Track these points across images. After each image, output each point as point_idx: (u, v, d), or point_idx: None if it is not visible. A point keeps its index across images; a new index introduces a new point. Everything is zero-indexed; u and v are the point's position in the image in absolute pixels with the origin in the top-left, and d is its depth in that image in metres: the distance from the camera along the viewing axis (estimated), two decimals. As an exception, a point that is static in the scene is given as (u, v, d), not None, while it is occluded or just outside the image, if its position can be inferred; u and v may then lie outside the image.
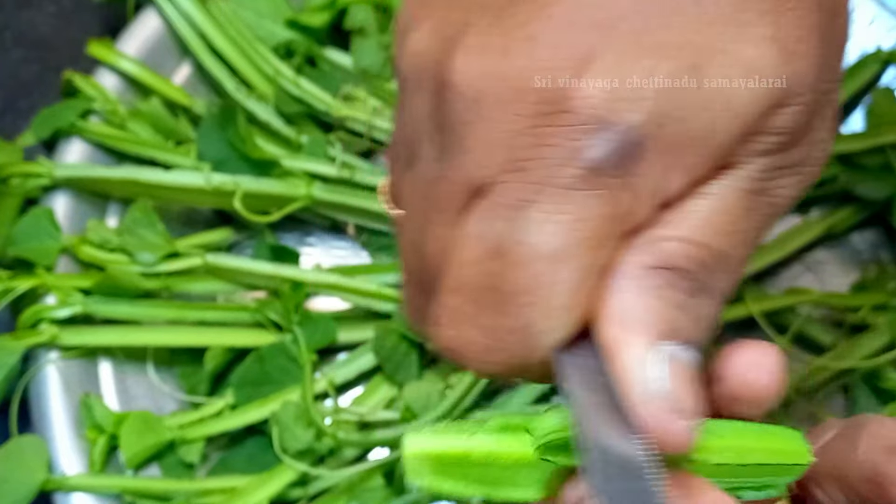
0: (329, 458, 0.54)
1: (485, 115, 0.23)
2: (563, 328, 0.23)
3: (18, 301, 0.54)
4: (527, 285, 0.23)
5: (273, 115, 0.60)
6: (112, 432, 0.53)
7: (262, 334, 0.57)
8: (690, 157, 0.23)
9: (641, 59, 0.22)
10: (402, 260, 0.27)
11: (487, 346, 0.24)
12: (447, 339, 0.24)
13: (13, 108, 0.62)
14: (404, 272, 0.27)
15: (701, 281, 0.23)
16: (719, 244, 0.23)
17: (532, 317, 0.23)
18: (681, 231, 0.23)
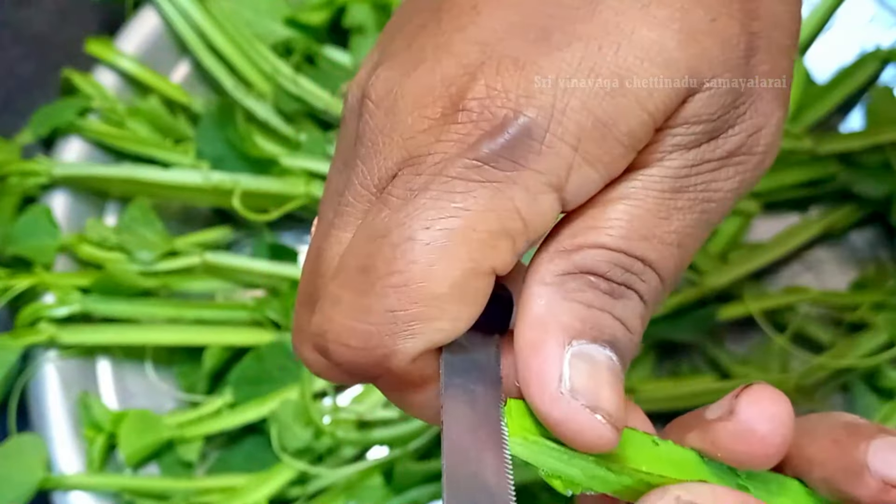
0: (328, 457, 0.54)
1: (394, 120, 0.23)
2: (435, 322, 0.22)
3: (17, 300, 0.54)
4: (399, 266, 0.22)
5: (272, 114, 0.60)
6: (111, 431, 0.53)
7: (261, 333, 0.57)
8: (595, 150, 0.22)
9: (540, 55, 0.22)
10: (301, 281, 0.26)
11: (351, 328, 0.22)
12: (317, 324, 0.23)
13: (11, 106, 0.61)
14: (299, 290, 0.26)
15: (622, 284, 0.23)
16: (638, 249, 0.23)
17: (401, 301, 0.22)
18: (597, 236, 0.23)
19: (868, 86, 0.61)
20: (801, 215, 0.61)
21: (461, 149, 0.22)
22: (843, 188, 0.59)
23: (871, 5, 0.63)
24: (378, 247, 0.22)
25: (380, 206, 0.23)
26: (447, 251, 0.22)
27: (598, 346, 0.22)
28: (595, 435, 0.22)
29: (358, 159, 0.24)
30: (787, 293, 0.57)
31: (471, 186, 0.22)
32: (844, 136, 0.59)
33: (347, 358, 0.23)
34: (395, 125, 0.23)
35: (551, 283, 0.23)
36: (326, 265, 0.24)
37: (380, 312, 0.22)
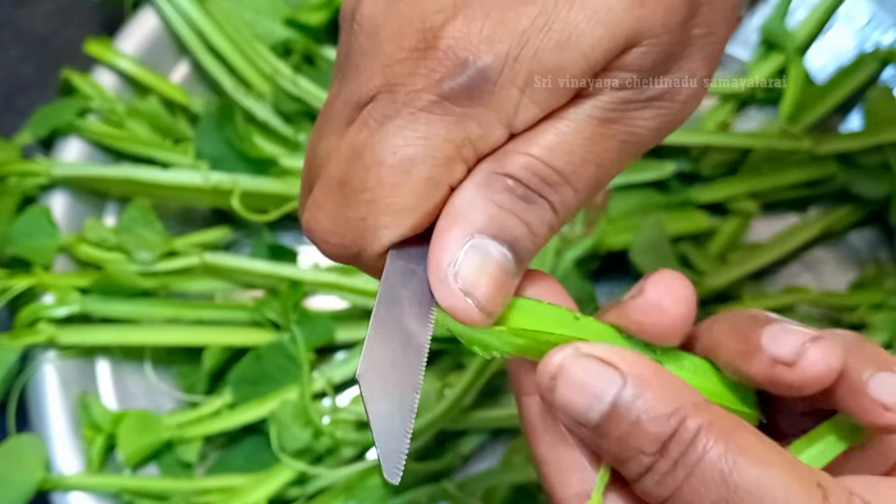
0: (327, 457, 0.54)
1: (376, 46, 0.27)
2: (397, 229, 0.27)
3: (16, 300, 0.54)
4: (370, 185, 0.26)
5: (271, 114, 0.60)
6: (110, 431, 0.53)
7: (260, 333, 0.57)
8: (541, 93, 0.26)
9: (506, 9, 0.26)
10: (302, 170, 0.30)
11: (331, 231, 0.27)
12: (306, 219, 0.28)
13: (11, 106, 0.61)
14: (302, 174, 0.30)
15: (537, 192, 0.27)
16: (559, 162, 0.27)
17: (371, 212, 0.27)
18: (527, 147, 0.26)
19: (867, 86, 0.61)
20: (800, 216, 0.61)
21: (427, 84, 0.26)
22: (843, 188, 0.59)
23: (870, 6, 0.63)
24: (354, 166, 0.27)
25: (359, 125, 0.27)
26: (410, 173, 0.26)
27: (496, 242, 0.26)
28: (464, 314, 0.26)
29: (345, 75, 0.28)
30: (787, 293, 0.57)
31: (432, 119, 0.26)
32: (843, 136, 0.59)
33: (328, 250, 0.28)
34: (377, 50, 0.27)
35: (475, 181, 0.27)
36: (316, 163, 0.29)
37: (353, 220, 0.27)
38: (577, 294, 0.55)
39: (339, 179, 0.27)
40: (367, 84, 0.27)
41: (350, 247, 0.27)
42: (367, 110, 0.27)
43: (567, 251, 0.56)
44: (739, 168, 0.60)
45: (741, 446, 0.25)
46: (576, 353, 0.26)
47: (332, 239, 0.28)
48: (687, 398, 0.25)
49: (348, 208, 0.27)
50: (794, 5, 0.63)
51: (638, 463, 0.25)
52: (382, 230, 0.27)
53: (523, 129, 0.27)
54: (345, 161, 0.27)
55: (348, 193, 0.27)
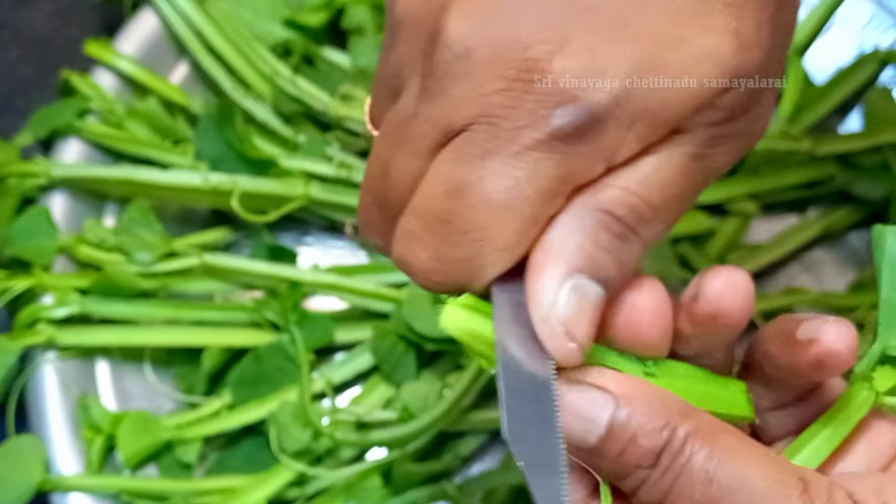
0: (326, 458, 0.54)
1: (470, 69, 0.26)
2: (501, 265, 0.26)
3: (15, 301, 0.54)
4: (476, 225, 0.26)
5: (270, 115, 0.60)
6: (109, 432, 0.53)
7: (260, 334, 0.57)
8: (645, 131, 0.26)
9: (612, 44, 0.25)
10: (367, 174, 0.30)
11: (434, 269, 0.27)
12: (401, 253, 0.28)
13: (10, 106, 0.61)
14: (365, 185, 0.30)
15: (631, 228, 0.26)
16: (655, 198, 0.26)
17: (476, 252, 0.26)
18: (624, 182, 0.26)
19: (866, 87, 0.61)
20: (799, 216, 0.61)
21: (534, 120, 0.25)
22: (842, 189, 0.59)
23: (870, 7, 0.63)
24: (457, 205, 0.26)
25: (456, 158, 0.26)
26: (516, 213, 0.26)
27: (593, 282, 0.26)
28: (565, 356, 0.26)
29: (428, 94, 0.27)
30: (786, 294, 0.57)
31: (539, 157, 0.25)
32: (843, 137, 0.59)
33: (429, 286, 0.28)
34: (471, 76, 0.26)
35: (573, 214, 0.26)
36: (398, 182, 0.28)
37: (458, 260, 0.27)
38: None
39: (441, 217, 0.26)
40: (460, 111, 0.26)
41: (453, 283, 0.27)
42: (463, 141, 0.26)
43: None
44: (739, 169, 0.60)
45: (723, 446, 0.26)
46: (568, 382, 0.26)
47: (434, 277, 0.27)
48: (675, 408, 0.26)
49: (452, 247, 0.27)
50: (793, 6, 0.63)
51: (636, 477, 0.26)
52: (486, 268, 0.26)
53: (620, 161, 0.26)
54: (444, 197, 0.26)
55: (452, 232, 0.26)
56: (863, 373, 0.29)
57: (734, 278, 0.27)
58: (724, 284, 0.27)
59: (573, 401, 0.26)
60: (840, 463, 0.29)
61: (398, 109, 0.28)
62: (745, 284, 0.27)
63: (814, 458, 0.28)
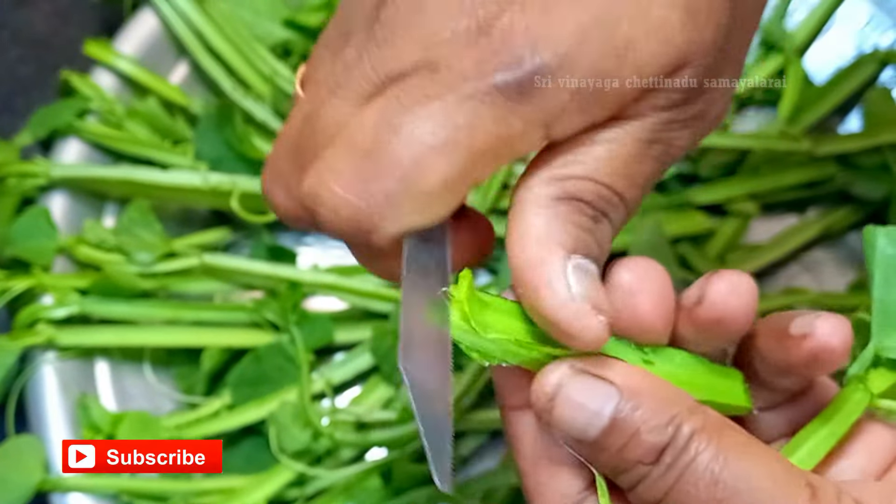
0: (326, 459, 0.54)
1: (420, 18, 0.26)
2: (419, 214, 0.25)
3: (15, 301, 0.54)
4: (404, 161, 0.25)
5: (270, 115, 0.60)
6: (109, 432, 0.53)
7: (260, 334, 0.57)
8: (589, 102, 0.25)
9: (563, 7, 0.25)
10: (284, 127, 0.29)
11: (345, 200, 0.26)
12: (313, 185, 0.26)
13: (9, 107, 0.61)
14: (281, 137, 0.29)
15: (601, 211, 0.27)
16: (616, 184, 0.26)
17: (396, 188, 0.25)
18: (586, 171, 0.26)
19: (866, 87, 0.61)
20: (799, 217, 0.61)
21: (478, 71, 0.25)
22: (842, 189, 0.59)
23: (869, 7, 0.63)
24: (388, 138, 0.25)
25: (394, 99, 0.25)
26: (446, 158, 0.25)
27: (588, 261, 0.26)
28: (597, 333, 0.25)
29: (374, 41, 0.26)
30: (786, 294, 0.57)
31: (479, 108, 0.25)
32: (842, 137, 0.59)
33: (333, 223, 0.26)
34: (420, 24, 0.26)
35: (547, 206, 0.26)
36: (322, 127, 0.27)
37: (376, 194, 0.25)
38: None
39: (366, 149, 0.25)
40: (403, 57, 0.26)
41: (363, 222, 0.26)
42: (403, 85, 0.26)
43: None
44: (738, 169, 0.60)
45: (730, 445, 0.25)
46: (571, 372, 0.26)
47: (342, 211, 0.26)
48: (681, 404, 0.26)
49: (373, 181, 0.25)
50: (792, 6, 0.63)
51: (635, 473, 0.26)
52: (406, 213, 0.25)
53: (560, 135, 0.26)
54: (374, 130, 0.25)
55: (376, 165, 0.25)
56: (857, 374, 0.29)
57: (738, 282, 0.27)
58: (728, 288, 0.27)
59: (576, 391, 0.26)
60: (835, 465, 0.29)
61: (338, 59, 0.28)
62: (749, 288, 0.27)
63: (809, 460, 0.28)
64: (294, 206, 0.28)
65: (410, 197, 0.25)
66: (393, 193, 0.25)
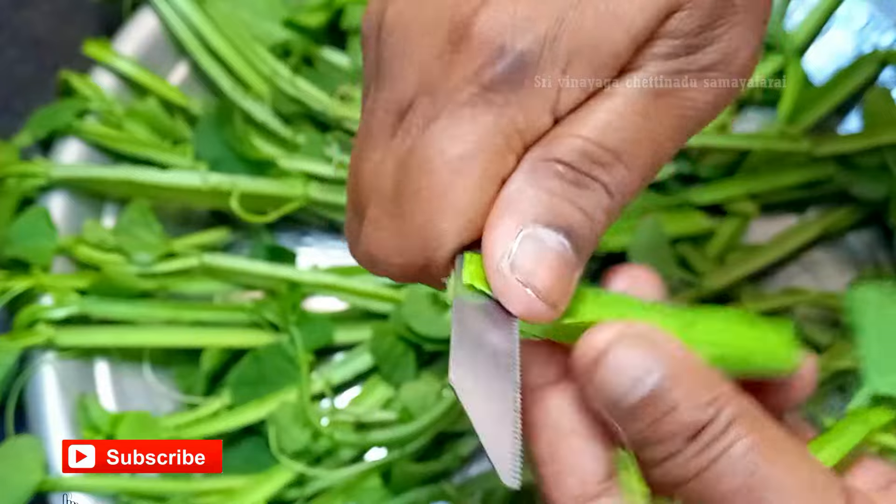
0: (326, 459, 0.54)
1: (406, 47, 0.26)
2: (459, 232, 0.25)
3: (15, 301, 0.54)
4: (427, 190, 0.25)
5: (270, 115, 0.60)
6: (108, 433, 0.53)
7: (259, 334, 0.57)
8: (585, 71, 0.25)
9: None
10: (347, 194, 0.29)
11: (395, 248, 0.26)
12: (365, 247, 0.27)
13: (8, 107, 0.61)
14: (347, 203, 0.29)
15: (589, 174, 0.25)
16: (609, 141, 0.25)
17: (431, 218, 0.25)
18: (574, 129, 0.25)
19: (866, 87, 0.61)
20: (798, 217, 0.61)
21: (466, 77, 0.25)
22: (841, 190, 0.59)
23: (869, 7, 0.63)
24: (405, 174, 0.26)
25: (402, 134, 0.26)
26: (462, 172, 0.25)
27: (551, 230, 0.25)
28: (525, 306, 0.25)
29: (379, 86, 0.27)
30: (785, 295, 0.57)
31: (476, 112, 0.25)
32: (842, 137, 0.59)
33: (395, 272, 0.27)
34: (410, 51, 0.26)
35: (524, 169, 0.25)
36: (363, 183, 0.28)
37: (414, 231, 0.26)
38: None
39: (392, 193, 0.26)
40: (404, 89, 0.26)
41: (416, 261, 0.26)
42: (408, 117, 0.26)
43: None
44: (738, 169, 0.60)
45: (769, 439, 0.25)
46: (620, 336, 0.25)
47: (396, 259, 0.26)
48: (725, 387, 0.25)
49: (406, 220, 0.26)
50: (792, 7, 0.63)
51: (665, 448, 0.25)
52: (444, 235, 0.25)
53: (568, 111, 0.25)
54: (393, 173, 0.26)
55: (403, 204, 0.26)
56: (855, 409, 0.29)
57: None
58: None
59: (623, 354, 0.25)
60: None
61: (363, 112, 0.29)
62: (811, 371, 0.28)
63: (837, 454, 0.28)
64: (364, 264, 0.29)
65: (447, 221, 0.25)
66: (428, 226, 0.25)
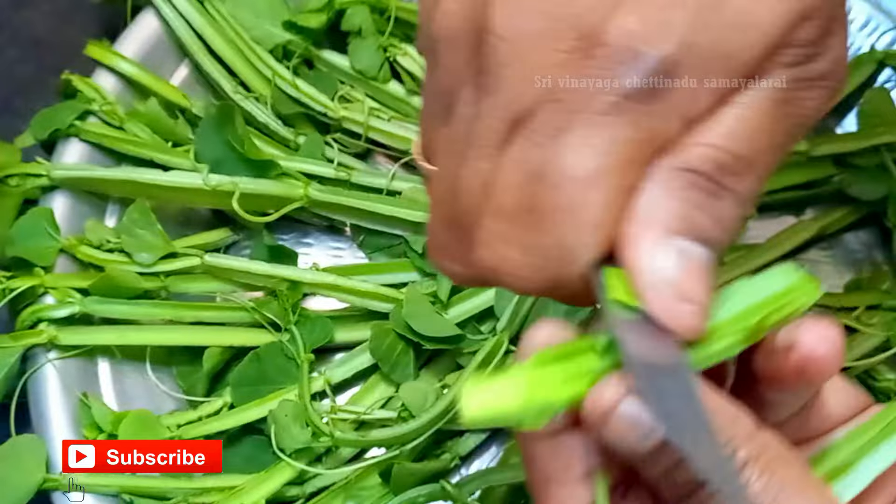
0: (326, 457, 0.55)
1: (523, 53, 0.25)
2: (596, 244, 0.25)
3: (17, 301, 0.54)
4: (562, 205, 0.24)
5: (270, 117, 0.60)
6: (110, 431, 0.53)
7: (260, 334, 0.57)
8: (720, 77, 0.24)
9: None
10: (432, 201, 0.29)
11: (526, 263, 0.25)
12: (487, 259, 0.26)
13: (10, 108, 0.61)
14: (434, 211, 0.29)
15: (722, 184, 0.25)
16: (742, 149, 0.25)
17: (567, 234, 0.25)
18: (706, 138, 0.25)
19: (864, 88, 0.61)
20: (796, 217, 0.61)
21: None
22: (839, 190, 0.60)
23: (867, 8, 0.63)
24: (538, 189, 0.25)
25: (527, 143, 0.25)
26: (600, 186, 0.24)
27: (691, 242, 0.24)
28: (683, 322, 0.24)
29: (485, 91, 0.26)
30: (783, 294, 0.57)
31: (613, 122, 0.24)
32: (840, 137, 0.60)
33: (522, 285, 0.26)
34: (527, 58, 0.25)
35: (658, 179, 0.25)
36: (469, 193, 0.26)
37: (549, 247, 0.25)
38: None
39: (523, 206, 0.25)
40: (522, 97, 0.25)
41: (548, 276, 0.25)
42: (531, 125, 0.25)
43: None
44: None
45: (785, 481, 0.24)
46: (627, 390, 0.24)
47: (525, 273, 0.26)
48: (739, 427, 0.25)
49: (543, 235, 0.25)
50: (790, 8, 0.63)
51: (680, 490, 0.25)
52: (579, 249, 0.25)
53: (699, 114, 0.25)
54: (524, 185, 0.25)
55: (540, 220, 0.25)
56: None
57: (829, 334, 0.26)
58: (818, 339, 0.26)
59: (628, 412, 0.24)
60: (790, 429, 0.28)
61: (455, 121, 0.27)
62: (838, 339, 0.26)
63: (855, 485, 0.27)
64: (472, 275, 0.28)
65: (582, 234, 0.25)
66: (564, 241, 0.25)
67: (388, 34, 0.61)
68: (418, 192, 0.58)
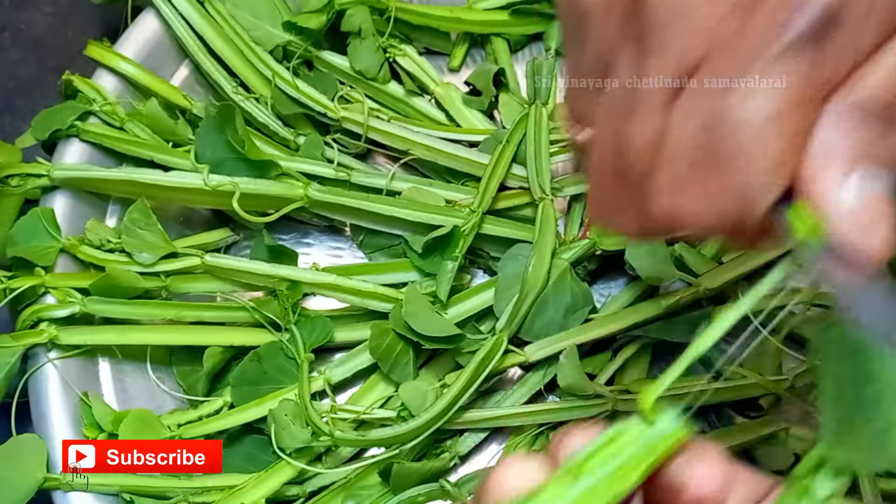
0: (326, 457, 0.55)
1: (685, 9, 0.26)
2: (779, 184, 0.26)
3: (18, 301, 0.55)
4: (744, 149, 0.25)
5: (270, 117, 0.61)
6: (111, 431, 0.53)
7: (260, 334, 0.57)
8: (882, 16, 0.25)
9: None
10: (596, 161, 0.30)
11: (709, 207, 0.27)
12: (668, 204, 0.27)
13: (11, 108, 0.62)
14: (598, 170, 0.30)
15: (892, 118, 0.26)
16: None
17: (747, 177, 0.26)
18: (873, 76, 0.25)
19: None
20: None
21: (772, 31, 0.25)
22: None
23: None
24: (718, 134, 0.26)
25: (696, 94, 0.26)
26: (780, 127, 0.25)
27: (870, 173, 0.25)
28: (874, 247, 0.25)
29: (647, 50, 0.27)
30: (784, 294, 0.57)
31: (788, 67, 0.25)
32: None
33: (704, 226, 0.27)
34: (689, 15, 0.26)
35: (832, 118, 0.26)
36: (639, 148, 0.28)
37: (732, 190, 0.26)
38: (572, 296, 0.56)
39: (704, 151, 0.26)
40: (686, 51, 0.26)
41: (731, 217, 0.27)
42: (701, 75, 0.26)
43: (564, 252, 0.56)
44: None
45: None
46: None
47: (708, 216, 0.27)
48: None
49: (722, 178, 0.26)
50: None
51: None
52: (765, 190, 0.26)
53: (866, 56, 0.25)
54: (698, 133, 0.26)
55: (720, 165, 0.26)
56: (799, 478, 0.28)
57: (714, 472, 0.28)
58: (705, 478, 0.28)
59: None
60: None
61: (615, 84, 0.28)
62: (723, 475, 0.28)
63: None
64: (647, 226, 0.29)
65: (765, 175, 0.26)
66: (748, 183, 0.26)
67: (388, 35, 0.62)
68: (418, 192, 0.58)
